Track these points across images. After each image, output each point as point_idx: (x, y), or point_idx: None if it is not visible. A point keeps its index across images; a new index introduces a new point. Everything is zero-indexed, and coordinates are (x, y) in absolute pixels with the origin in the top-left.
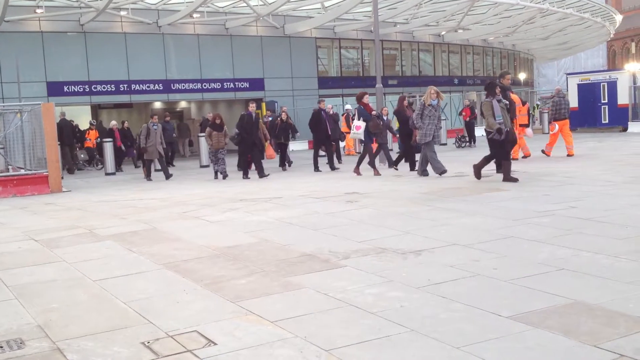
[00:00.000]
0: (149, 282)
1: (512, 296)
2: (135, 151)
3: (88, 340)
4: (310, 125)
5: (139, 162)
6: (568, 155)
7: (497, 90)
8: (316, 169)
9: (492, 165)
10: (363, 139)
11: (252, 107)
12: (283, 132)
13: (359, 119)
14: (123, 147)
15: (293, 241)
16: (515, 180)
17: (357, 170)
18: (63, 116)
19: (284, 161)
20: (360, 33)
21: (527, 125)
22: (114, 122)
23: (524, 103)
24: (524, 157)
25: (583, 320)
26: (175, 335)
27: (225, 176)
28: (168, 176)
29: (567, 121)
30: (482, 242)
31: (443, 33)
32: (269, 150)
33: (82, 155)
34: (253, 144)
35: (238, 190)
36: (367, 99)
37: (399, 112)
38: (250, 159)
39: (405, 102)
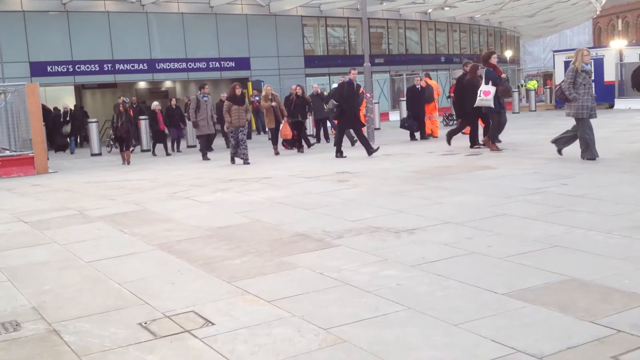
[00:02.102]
0: (143, 263)
1: (507, 273)
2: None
3: (84, 321)
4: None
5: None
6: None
7: None
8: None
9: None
10: (493, 106)
11: (354, 74)
12: (300, 109)
13: (486, 83)
14: (167, 131)
15: (285, 221)
16: None
17: (488, 144)
18: None
19: (302, 142)
20: (347, 11)
21: None
22: (156, 103)
23: None
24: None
25: (579, 296)
26: (173, 315)
27: (246, 161)
28: (205, 158)
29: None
30: (475, 220)
31: (430, 11)
32: (285, 128)
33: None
34: (355, 117)
35: (227, 171)
36: (495, 59)
37: (472, 82)
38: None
39: (479, 72)
